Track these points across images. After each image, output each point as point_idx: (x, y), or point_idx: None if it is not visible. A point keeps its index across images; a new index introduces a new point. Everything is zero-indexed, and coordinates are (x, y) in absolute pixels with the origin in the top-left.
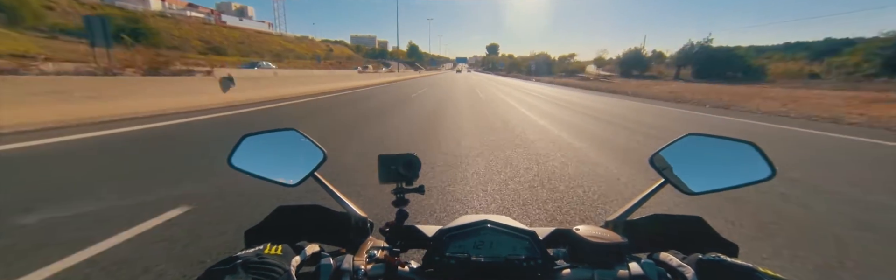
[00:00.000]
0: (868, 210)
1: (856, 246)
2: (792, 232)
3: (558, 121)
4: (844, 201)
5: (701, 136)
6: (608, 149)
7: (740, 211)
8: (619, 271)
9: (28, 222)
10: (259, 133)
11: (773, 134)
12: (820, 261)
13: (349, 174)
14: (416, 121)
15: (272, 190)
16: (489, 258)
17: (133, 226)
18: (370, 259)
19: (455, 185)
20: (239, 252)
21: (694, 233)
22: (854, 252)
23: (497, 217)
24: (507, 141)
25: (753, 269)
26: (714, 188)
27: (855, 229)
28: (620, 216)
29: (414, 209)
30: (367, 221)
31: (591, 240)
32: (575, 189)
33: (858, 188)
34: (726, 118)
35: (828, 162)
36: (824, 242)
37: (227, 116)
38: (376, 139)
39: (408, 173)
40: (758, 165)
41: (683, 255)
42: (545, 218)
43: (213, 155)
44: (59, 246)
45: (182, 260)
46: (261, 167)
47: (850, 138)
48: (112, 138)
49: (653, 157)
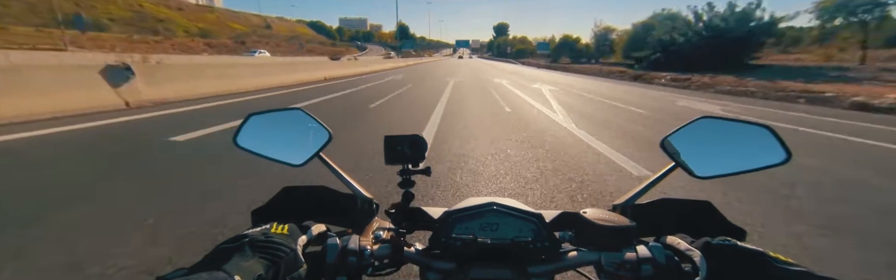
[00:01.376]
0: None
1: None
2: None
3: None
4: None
5: (715, 119)
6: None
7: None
8: (627, 254)
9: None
10: (265, 112)
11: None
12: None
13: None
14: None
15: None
16: (495, 240)
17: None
18: (376, 240)
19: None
20: (246, 231)
21: (702, 217)
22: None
23: (504, 199)
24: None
25: (762, 253)
26: (726, 172)
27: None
28: (628, 200)
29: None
30: (372, 202)
31: (598, 223)
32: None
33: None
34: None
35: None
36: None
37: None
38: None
39: (414, 154)
40: (773, 149)
41: (691, 239)
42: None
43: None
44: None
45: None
46: (266, 147)
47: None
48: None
49: (664, 140)
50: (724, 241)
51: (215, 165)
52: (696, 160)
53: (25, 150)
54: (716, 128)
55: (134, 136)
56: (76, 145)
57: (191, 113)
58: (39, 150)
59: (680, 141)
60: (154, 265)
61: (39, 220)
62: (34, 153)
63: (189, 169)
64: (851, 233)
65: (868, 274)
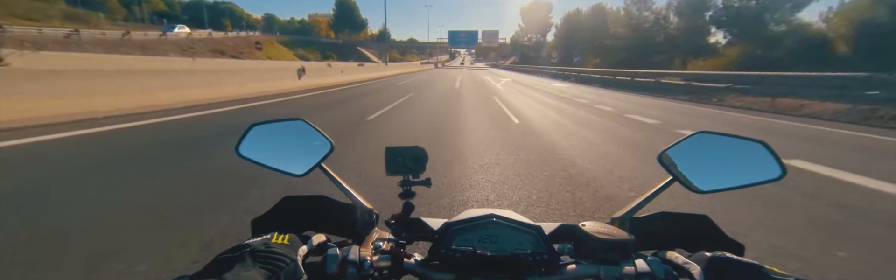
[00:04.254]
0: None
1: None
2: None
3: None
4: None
5: (711, 134)
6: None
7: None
8: (625, 268)
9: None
10: (267, 122)
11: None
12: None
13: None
14: None
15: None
16: (494, 252)
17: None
18: (376, 250)
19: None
20: (247, 240)
21: (700, 231)
22: None
23: (503, 211)
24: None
25: (759, 266)
26: (723, 187)
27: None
28: (627, 213)
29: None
30: (372, 213)
31: (597, 236)
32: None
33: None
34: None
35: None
36: None
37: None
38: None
39: (415, 166)
40: (768, 165)
41: (689, 253)
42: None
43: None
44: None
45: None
46: (268, 157)
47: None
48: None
49: (661, 154)
50: (722, 255)
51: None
52: (693, 174)
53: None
54: (712, 142)
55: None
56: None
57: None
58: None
59: (677, 155)
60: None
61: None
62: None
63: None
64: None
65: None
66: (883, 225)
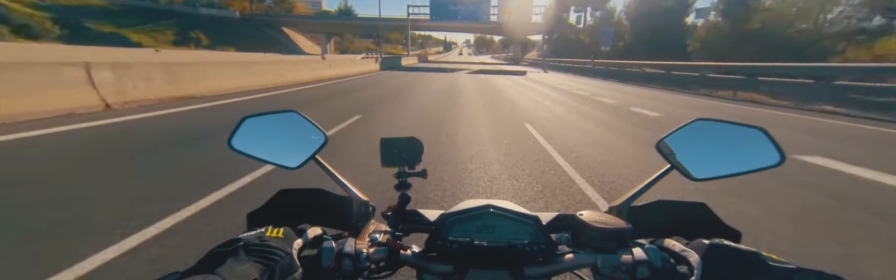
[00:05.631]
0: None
1: None
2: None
3: None
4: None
5: (709, 121)
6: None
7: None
8: (623, 256)
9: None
10: (259, 115)
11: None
12: None
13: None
14: None
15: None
16: (492, 242)
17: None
18: (372, 243)
19: None
20: (241, 234)
21: (697, 219)
22: None
23: (500, 202)
24: None
25: (757, 254)
26: (721, 174)
27: None
28: (624, 202)
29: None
30: (368, 205)
31: (594, 225)
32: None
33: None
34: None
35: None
36: None
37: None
38: None
39: (410, 157)
40: (767, 151)
41: (687, 241)
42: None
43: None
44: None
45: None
46: (262, 149)
47: None
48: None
49: (659, 142)
50: (719, 242)
51: None
52: (691, 162)
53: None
54: (710, 130)
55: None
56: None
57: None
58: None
59: (675, 143)
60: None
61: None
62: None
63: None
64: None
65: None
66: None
